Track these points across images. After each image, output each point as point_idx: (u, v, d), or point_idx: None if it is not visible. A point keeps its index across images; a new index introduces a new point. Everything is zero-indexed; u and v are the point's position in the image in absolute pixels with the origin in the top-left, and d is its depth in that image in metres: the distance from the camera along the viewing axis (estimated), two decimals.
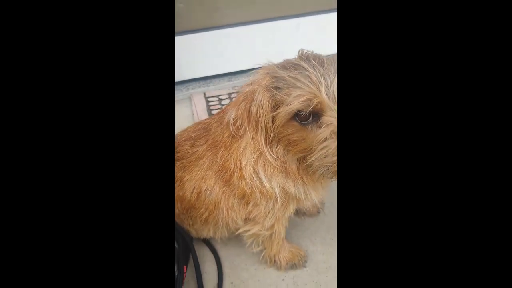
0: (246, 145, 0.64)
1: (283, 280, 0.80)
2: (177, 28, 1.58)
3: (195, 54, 1.65)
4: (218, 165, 0.69)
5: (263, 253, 0.81)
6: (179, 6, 1.56)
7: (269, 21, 1.66)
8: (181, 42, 1.61)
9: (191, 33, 1.61)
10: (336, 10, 1.68)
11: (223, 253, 0.87)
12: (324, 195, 0.72)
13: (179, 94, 1.64)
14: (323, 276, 0.80)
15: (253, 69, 0.81)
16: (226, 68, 1.72)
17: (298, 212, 0.95)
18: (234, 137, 0.67)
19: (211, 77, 1.73)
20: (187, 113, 1.41)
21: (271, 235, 0.76)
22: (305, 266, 0.83)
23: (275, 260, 0.81)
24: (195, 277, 0.80)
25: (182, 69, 1.69)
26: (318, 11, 1.69)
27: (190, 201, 0.74)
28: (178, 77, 1.70)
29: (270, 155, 0.62)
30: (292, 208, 0.71)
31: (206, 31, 1.61)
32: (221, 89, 1.62)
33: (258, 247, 0.79)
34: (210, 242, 0.88)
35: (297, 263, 0.82)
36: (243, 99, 0.61)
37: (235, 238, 0.86)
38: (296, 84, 0.54)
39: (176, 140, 0.79)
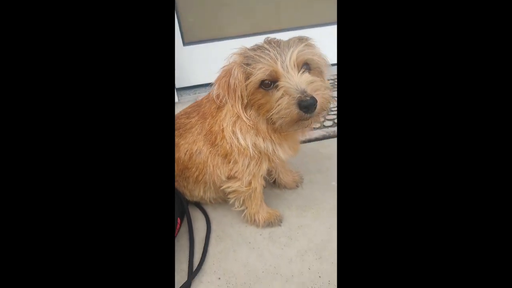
0: (227, 112, 0.82)
1: (260, 234, 0.95)
2: (187, 39, 1.81)
3: (202, 63, 1.85)
4: (206, 130, 0.87)
5: (245, 212, 0.96)
6: (189, 20, 1.79)
7: (266, 33, 1.85)
8: (190, 52, 1.82)
9: (199, 44, 1.82)
10: (327, 24, 1.88)
11: (212, 214, 1.03)
12: (291, 155, 0.88)
13: (187, 97, 1.84)
14: (295, 232, 0.95)
15: None
16: None
17: (279, 185, 1.11)
18: (219, 108, 0.85)
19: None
20: None
21: (250, 195, 0.92)
22: (280, 225, 0.97)
23: (254, 219, 0.96)
24: (187, 232, 0.96)
25: (190, 76, 1.89)
26: (311, 25, 1.90)
27: (184, 162, 0.91)
28: (187, 82, 1.91)
29: (245, 117, 0.79)
30: (264, 166, 0.87)
31: (212, 42, 1.82)
32: None
33: (240, 206, 0.95)
34: (201, 205, 1.05)
35: (273, 221, 0.97)
36: (223, 75, 0.80)
37: (223, 204, 1.02)
38: (260, 60, 0.73)
39: (177, 116, 0.97)
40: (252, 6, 1.81)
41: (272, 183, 1.11)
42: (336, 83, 1.81)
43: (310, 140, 1.34)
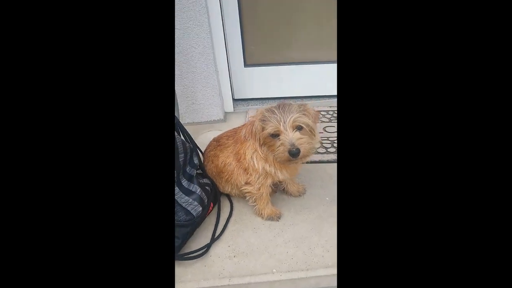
0: (249, 145, 1.27)
1: (263, 224, 1.40)
2: (248, 61, 2.26)
3: (257, 81, 2.29)
4: (235, 151, 1.33)
5: (255, 207, 1.42)
6: (251, 47, 2.23)
7: (308, 64, 2.24)
8: (249, 72, 2.27)
9: (257, 66, 2.26)
10: None
11: (236, 204, 1.50)
12: (287, 176, 1.31)
13: (242, 108, 2.30)
14: (286, 227, 1.38)
15: (297, 97, 1.46)
16: (277, 94, 2.34)
17: (287, 193, 1.54)
18: (245, 139, 1.30)
19: (265, 99, 2.37)
20: (242, 122, 2.08)
21: (260, 196, 1.37)
22: (278, 221, 1.41)
23: (261, 213, 1.41)
24: (216, 214, 1.44)
25: (247, 91, 2.35)
26: None
27: (220, 168, 1.39)
28: (243, 96, 2.37)
29: (260, 151, 1.24)
30: (269, 180, 1.31)
31: (267, 66, 2.25)
32: None
33: (253, 202, 1.41)
34: (230, 196, 1.53)
35: (273, 217, 1.41)
36: (249, 124, 1.24)
37: (244, 199, 1.49)
38: (270, 120, 1.15)
39: (221, 135, 1.46)
40: (300, 41, 2.19)
41: (282, 190, 1.54)
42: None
43: (322, 162, 1.73)
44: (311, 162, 1.72)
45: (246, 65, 2.26)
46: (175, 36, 1.84)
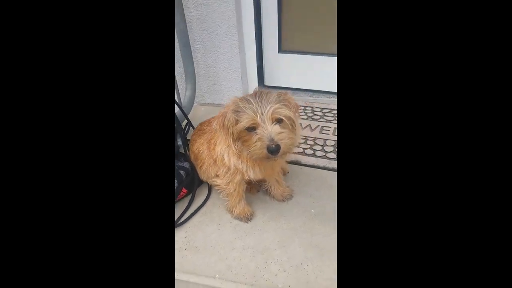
0: (221, 139, 1.15)
1: (230, 223, 1.29)
2: (283, 47, 2.10)
3: (290, 69, 2.12)
4: (209, 140, 1.23)
5: (226, 203, 1.31)
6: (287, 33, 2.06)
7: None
8: (282, 58, 2.11)
9: (291, 53, 2.09)
10: None
11: (213, 195, 1.41)
12: (259, 176, 1.16)
13: None
14: (252, 231, 1.24)
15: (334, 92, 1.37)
16: (312, 86, 2.14)
17: (269, 195, 1.38)
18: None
19: (298, 89, 2.18)
20: None
21: (230, 192, 1.25)
22: (247, 222, 1.28)
23: (231, 211, 1.30)
24: (188, 200, 1.37)
25: (278, 78, 2.20)
26: None
27: (196, 154, 1.31)
28: (274, 83, 2.22)
29: (234, 147, 1.10)
30: (238, 177, 1.18)
31: (302, 54, 2.06)
32: (298, 100, 2.07)
33: (225, 197, 1.29)
34: (210, 186, 1.43)
35: (242, 218, 1.28)
36: (220, 116, 1.09)
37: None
38: (245, 111, 1.00)
39: (206, 120, 1.36)
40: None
41: (265, 191, 1.40)
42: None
43: (326, 168, 1.52)
44: (313, 166, 1.53)
45: (280, 50, 2.10)
46: (200, 12, 1.78)
